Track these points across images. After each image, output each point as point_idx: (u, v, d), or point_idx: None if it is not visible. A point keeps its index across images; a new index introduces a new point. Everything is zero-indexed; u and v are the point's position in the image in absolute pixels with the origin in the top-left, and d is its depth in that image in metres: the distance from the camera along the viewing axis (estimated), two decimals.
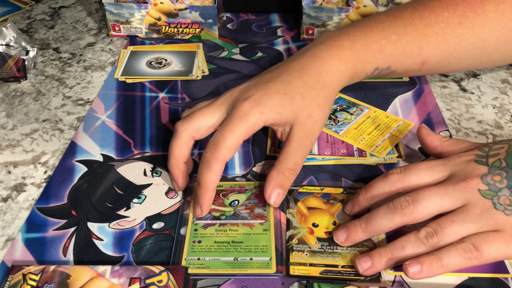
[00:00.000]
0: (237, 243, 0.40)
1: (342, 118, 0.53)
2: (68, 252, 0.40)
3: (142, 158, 0.49)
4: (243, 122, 0.41)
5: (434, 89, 0.59)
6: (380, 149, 0.49)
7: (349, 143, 0.50)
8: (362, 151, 0.49)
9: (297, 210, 0.43)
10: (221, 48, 0.67)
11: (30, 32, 0.73)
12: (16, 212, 0.44)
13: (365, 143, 0.50)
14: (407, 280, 0.38)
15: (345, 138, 0.50)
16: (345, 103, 0.56)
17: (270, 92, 0.43)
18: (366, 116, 0.53)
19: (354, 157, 0.48)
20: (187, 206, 0.44)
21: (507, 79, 0.61)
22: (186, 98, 0.58)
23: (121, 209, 0.44)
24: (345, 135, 0.51)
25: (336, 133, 0.51)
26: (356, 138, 0.50)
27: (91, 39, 0.71)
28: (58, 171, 0.48)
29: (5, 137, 0.53)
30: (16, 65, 0.61)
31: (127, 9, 0.67)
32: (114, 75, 0.62)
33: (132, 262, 0.39)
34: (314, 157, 0.48)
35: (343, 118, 0.53)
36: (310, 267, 0.38)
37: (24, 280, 0.36)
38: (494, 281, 0.37)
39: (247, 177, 0.47)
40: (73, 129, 0.54)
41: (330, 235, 0.41)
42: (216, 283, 0.38)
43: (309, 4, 0.65)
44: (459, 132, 0.52)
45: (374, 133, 0.51)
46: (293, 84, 0.44)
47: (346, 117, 0.53)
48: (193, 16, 0.67)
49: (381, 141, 0.50)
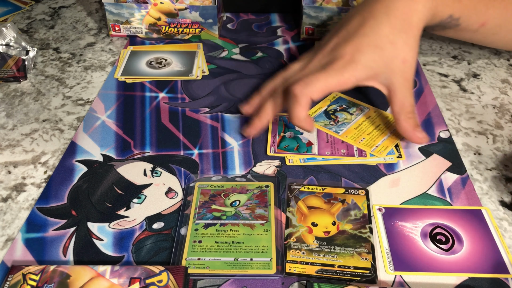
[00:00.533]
0: (238, 244, 0.40)
1: (342, 118, 0.53)
2: (68, 252, 0.40)
3: (142, 158, 0.49)
4: (337, 75, 0.45)
5: (434, 89, 0.59)
6: (380, 149, 0.49)
7: (349, 143, 0.50)
8: (362, 151, 0.49)
9: (297, 208, 0.43)
10: (221, 48, 0.67)
11: (30, 32, 0.73)
12: (16, 212, 0.44)
13: (365, 143, 0.50)
14: (407, 280, 0.38)
15: (345, 138, 0.50)
16: (345, 103, 0.56)
17: (361, 47, 0.45)
18: (366, 116, 0.53)
19: (354, 157, 0.48)
20: (187, 206, 0.44)
21: (507, 79, 0.61)
22: (186, 98, 0.58)
23: (121, 209, 0.44)
24: (345, 135, 0.51)
25: (336, 133, 0.51)
26: (356, 138, 0.50)
27: (91, 39, 0.71)
28: (58, 171, 0.48)
29: (5, 137, 0.53)
30: (16, 65, 0.61)
31: (127, 9, 0.67)
32: (114, 75, 0.62)
33: (132, 262, 0.39)
34: (314, 157, 0.48)
35: (343, 118, 0.53)
36: (306, 266, 0.38)
37: (24, 280, 0.36)
38: (494, 281, 0.37)
39: (247, 177, 0.47)
40: (73, 129, 0.54)
41: (329, 234, 0.41)
42: (216, 283, 0.38)
43: (309, 4, 0.65)
44: (459, 132, 0.52)
45: (374, 133, 0.51)
46: (382, 32, 0.46)
47: (346, 117, 0.53)
48: (193, 16, 0.67)
49: (381, 141, 0.50)
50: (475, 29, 0.53)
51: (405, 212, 0.43)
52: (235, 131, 0.53)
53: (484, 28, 0.53)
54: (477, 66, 0.63)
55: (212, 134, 0.52)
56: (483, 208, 0.43)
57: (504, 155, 0.49)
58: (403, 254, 0.40)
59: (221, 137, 0.52)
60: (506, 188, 0.46)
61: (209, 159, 0.49)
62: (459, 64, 0.64)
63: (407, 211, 0.43)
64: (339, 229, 0.41)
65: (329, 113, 0.54)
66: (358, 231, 0.41)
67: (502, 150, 0.50)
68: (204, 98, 0.58)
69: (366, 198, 0.44)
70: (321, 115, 0.53)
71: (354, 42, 0.46)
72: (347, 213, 0.43)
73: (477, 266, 0.38)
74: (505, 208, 0.44)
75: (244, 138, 0.52)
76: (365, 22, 0.47)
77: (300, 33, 0.68)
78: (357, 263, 0.38)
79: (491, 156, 0.49)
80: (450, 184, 0.46)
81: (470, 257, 0.39)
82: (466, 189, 0.45)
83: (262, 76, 0.61)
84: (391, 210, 0.43)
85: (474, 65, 0.64)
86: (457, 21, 0.51)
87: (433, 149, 0.50)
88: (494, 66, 0.63)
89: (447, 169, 0.48)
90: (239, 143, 0.51)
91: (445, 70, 0.63)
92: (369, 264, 0.38)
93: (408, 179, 0.46)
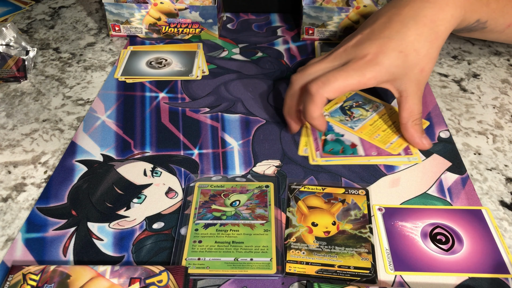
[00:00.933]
0: (238, 244, 0.40)
1: (357, 114, 0.53)
2: (68, 252, 0.40)
3: (142, 158, 0.49)
4: (358, 75, 0.44)
5: (434, 89, 0.59)
6: (395, 146, 0.49)
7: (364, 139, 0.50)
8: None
9: (297, 208, 0.43)
10: (221, 48, 0.67)
11: (30, 32, 0.73)
12: (16, 212, 0.44)
13: (380, 139, 0.50)
14: (407, 280, 0.38)
15: (360, 134, 0.50)
16: (361, 100, 0.55)
17: (386, 50, 0.45)
18: (381, 113, 0.53)
19: (386, 156, 0.48)
20: (187, 206, 0.44)
21: (507, 79, 0.61)
22: (186, 98, 0.58)
23: (121, 209, 0.44)
24: (360, 131, 0.51)
25: (352, 129, 0.51)
26: (371, 134, 0.50)
27: (91, 39, 0.71)
28: (58, 171, 0.48)
29: (5, 137, 0.53)
30: (16, 65, 0.61)
31: (127, 9, 0.67)
32: (114, 75, 0.62)
33: (132, 262, 0.39)
34: (362, 158, 0.48)
35: (358, 114, 0.53)
36: (306, 266, 0.38)
37: (24, 280, 0.36)
38: (494, 281, 0.37)
39: (247, 177, 0.47)
40: (73, 129, 0.54)
41: (329, 234, 0.41)
42: (216, 283, 0.38)
43: (309, 4, 0.65)
44: (459, 132, 0.52)
45: (389, 130, 0.51)
46: (408, 38, 0.45)
47: (362, 113, 0.53)
48: (193, 16, 0.67)
49: (396, 138, 0.50)
50: (501, 30, 0.53)
51: (405, 212, 0.43)
52: (236, 131, 0.53)
53: (510, 29, 0.52)
54: (477, 66, 0.63)
55: (212, 134, 0.52)
56: (483, 208, 0.43)
57: (504, 155, 0.49)
58: (403, 254, 0.40)
59: (221, 137, 0.52)
60: (506, 188, 0.46)
61: (209, 159, 0.49)
62: (459, 64, 0.64)
63: (407, 211, 0.43)
64: (339, 229, 0.41)
65: (345, 109, 0.54)
66: (358, 231, 0.41)
67: (502, 150, 0.50)
68: (204, 98, 0.58)
69: (366, 198, 0.44)
70: (337, 111, 0.53)
71: (379, 42, 0.46)
72: (347, 213, 0.43)
73: (477, 266, 0.38)
74: (505, 208, 0.44)
75: (244, 138, 0.52)
76: (392, 24, 0.46)
77: (300, 33, 0.68)
78: (357, 263, 0.38)
79: (491, 156, 0.49)
80: (450, 184, 0.46)
81: (470, 257, 0.39)
82: (466, 189, 0.45)
83: (262, 76, 0.61)
84: (391, 210, 0.43)
85: (474, 65, 0.64)
86: (484, 24, 0.51)
87: (433, 149, 0.50)
88: (494, 66, 0.63)
89: (447, 169, 0.48)
90: (239, 143, 0.51)
91: (445, 70, 0.63)
92: (369, 264, 0.38)
93: (408, 179, 0.46)
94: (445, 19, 0.46)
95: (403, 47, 0.45)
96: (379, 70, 0.45)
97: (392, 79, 0.46)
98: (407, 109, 0.47)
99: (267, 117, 0.55)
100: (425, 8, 0.46)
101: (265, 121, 0.54)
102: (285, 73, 0.62)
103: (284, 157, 0.49)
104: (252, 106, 0.56)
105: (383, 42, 0.46)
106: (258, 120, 0.54)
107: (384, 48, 0.45)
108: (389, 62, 0.45)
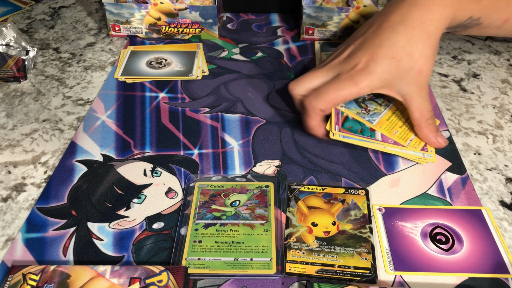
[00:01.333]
0: (238, 244, 0.40)
1: (372, 107, 0.52)
2: (68, 252, 0.40)
3: (142, 158, 0.49)
4: (350, 85, 0.45)
5: (434, 89, 0.59)
6: (414, 143, 0.49)
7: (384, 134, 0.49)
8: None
9: (297, 208, 0.43)
10: (221, 48, 0.67)
11: (30, 32, 0.73)
12: (16, 212, 0.44)
13: (399, 136, 0.49)
14: (407, 280, 0.38)
15: (380, 129, 0.50)
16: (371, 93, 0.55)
17: (377, 58, 0.46)
18: (395, 108, 0.52)
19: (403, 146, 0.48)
20: (187, 206, 0.44)
21: (507, 79, 0.61)
22: (186, 98, 0.58)
23: (121, 209, 0.44)
24: (378, 125, 0.50)
25: (370, 123, 0.50)
26: (390, 130, 0.50)
27: (91, 39, 0.71)
28: (58, 171, 0.48)
29: (5, 137, 0.53)
30: (16, 65, 0.61)
31: (127, 9, 0.67)
32: (114, 75, 0.62)
33: (132, 262, 0.39)
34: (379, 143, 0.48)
35: (373, 108, 0.52)
36: (306, 266, 0.38)
37: (24, 280, 0.36)
38: (494, 281, 0.37)
39: (247, 177, 0.47)
40: (73, 129, 0.54)
41: (329, 234, 0.41)
42: (216, 283, 0.38)
43: (309, 4, 0.65)
44: (459, 132, 0.52)
45: (406, 127, 0.50)
46: (399, 43, 0.46)
47: (376, 107, 0.52)
48: (193, 16, 0.67)
49: (414, 135, 0.49)
50: (499, 26, 0.52)
51: (405, 212, 0.43)
52: (236, 131, 0.53)
53: (508, 24, 0.52)
54: (477, 66, 0.63)
55: (212, 134, 0.52)
56: (483, 208, 0.43)
57: (504, 155, 0.49)
58: (403, 254, 0.40)
59: (221, 137, 0.52)
60: (506, 188, 0.46)
61: (209, 159, 0.49)
62: (459, 64, 0.64)
63: (407, 211, 0.43)
64: (339, 229, 0.41)
65: (358, 101, 0.53)
66: (358, 231, 0.41)
67: (502, 150, 0.50)
68: (204, 98, 0.58)
69: (366, 198, 0.44)
70: (352, 103, 0.52)
71: (370, 51, 0.46)
72: (347, 213, 0.43)
73: (477, 266, 0.38)
74: (505, 208, 0.44)
75: (244, 138, 0.52)
76: (382, 31, 0.47)
77: (300, 33, 0.68)
78: (357, 263, 0.38)
79: (491, 156, 0.49)
80: (450, 184, 0.46)
81: (470, 257, 0.39)
82: (466, 189, 0.45)
83: (262, 76, 0.61)
84: (391, 210, 0.43)
85: (474, 65, 0.64)
86: (478, 21, 0.51)
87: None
88: (494, 66, 0.63)
89: (447, 169, 0.48)
90: (239, 143, 0.51)
91: (445, 70, 0.63)
92: (369, 264, 0.38)
93: (408, 179, 0.47)
94: (434, 18, 0.46)
95: (394, 53, 0.45)
96: (371, 78, 0.46)
97: (387, 85, 0.46)
98: (416, 111, 0.47)
99: (267, 117, 0.55)
100: (412, 11, 0.46)
101: (265, 121, 0.54)
102: (285, 73, 0.62)
103: (284, 157, 0.49)
104: (252, 106, 0.56)
105: (374, 50, 0.46)
106: (258, 120, 0.54)
107: (375, 56, 0.46)
108: (381, 69, 0.45)
